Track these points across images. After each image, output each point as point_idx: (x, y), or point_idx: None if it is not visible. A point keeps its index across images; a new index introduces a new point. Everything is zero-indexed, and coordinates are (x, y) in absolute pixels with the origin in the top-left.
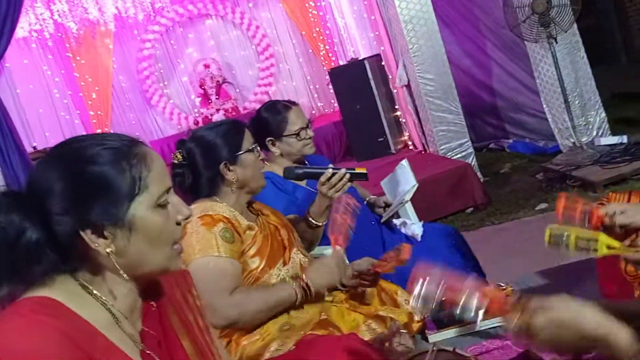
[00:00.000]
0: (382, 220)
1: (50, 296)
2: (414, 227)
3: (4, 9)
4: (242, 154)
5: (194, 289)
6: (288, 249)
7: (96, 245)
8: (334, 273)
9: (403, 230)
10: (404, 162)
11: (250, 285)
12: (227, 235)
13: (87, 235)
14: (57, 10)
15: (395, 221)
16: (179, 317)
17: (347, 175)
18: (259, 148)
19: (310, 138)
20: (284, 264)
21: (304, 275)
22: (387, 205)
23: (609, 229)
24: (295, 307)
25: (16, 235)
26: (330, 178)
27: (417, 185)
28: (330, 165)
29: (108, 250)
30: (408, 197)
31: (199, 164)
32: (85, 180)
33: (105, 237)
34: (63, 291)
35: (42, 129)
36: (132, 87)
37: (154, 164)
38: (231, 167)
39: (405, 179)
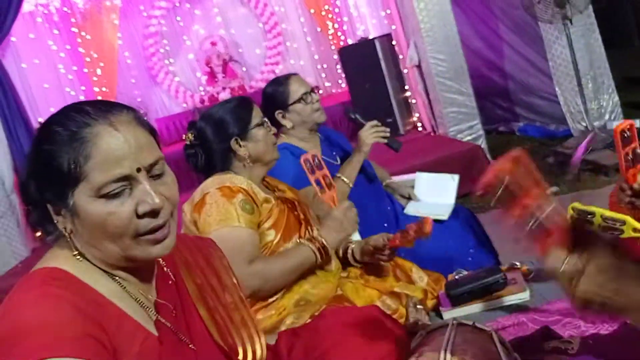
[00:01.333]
0: (404, 211)
1: (61, 267)
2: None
3: None
4: (252, 128)
5: (220, 251)
6: (304, 225)
7: (56, 221)
8: (344, 226)
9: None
10: (455, 177)
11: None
12: (247, 206)
13: (50, 209)
14: None
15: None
16: (196, 285)
17: (387, 133)
18: (269, 122)
19: (317, 101)
20: (300, 238)
21: (318, 236)
22: (410, 197)
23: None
24: (316, 268)
25: (26, 192)
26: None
27: (454, 205)
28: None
29: (63, 228)
30: (447, 216)
31: (211, 142)
32: (38, 159)
33: (62, 216)
34: (72, 261)
35: (47, 104)
36: (137, 64)
37: (98, 150)
38: (242, 143)
39: (446, 192)
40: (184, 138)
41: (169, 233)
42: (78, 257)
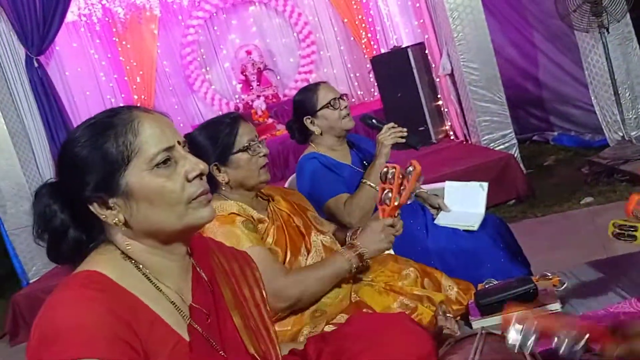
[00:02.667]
0: (434, 222)
1: (99, 270)
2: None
3: None
4: (233, 154)
5: (254, 262)
6: (306, 235)
7: (104, 216)
8: (381, 240)
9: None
10: (485, 185)
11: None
12: (250, 225)
13: (95, 208)
14: None
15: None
16: (231, 292)
17: (405, 134)
18: (258, 144)
19: (345, 108)
20: (308, 251)
21: (357, 243)
22: (440, 207)
23: None
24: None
25: (50, 217)
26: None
27: (484, 215)
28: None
29: (115, 220)
30: (477, 226)
31: None
32: (73, 160)
33: (111, 208)
34: (111, 265)
35: (88, 111)
36: (175, 72)
37: (145, 126)
38: (222, 168)
39: (475, 202)
40: None
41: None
42: (125, 250)
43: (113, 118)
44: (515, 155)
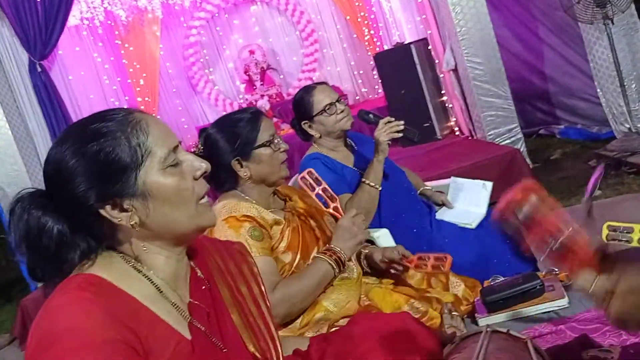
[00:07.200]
0: (436, 217)
1: (96, 274)
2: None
3: None
4: (255, 148)
5: (250, 257)
6: (320, 239)
7: (119, 219)
8: (355, 233)
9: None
10: (488, 185)
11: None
12: (256, 233)
13: (107, 212)
14: None
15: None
16: (229, 290)
17: (401, 127)
18: (277, 140)
19: (342, 111)
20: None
21: (333, 246)
22: (444, 204)
23: None
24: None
25: (39, 231)
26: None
27: (485, 215)
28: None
29: (132, 222)
30: (475, 224)
31: (215, 158)
32: (88, 160)
33: (126, 210)
34: (108, 268)
35: None
36: (178, 74)
37: (152, 127)
38: (244, 163)
39: (477, 201)
40: (194, 147)
41: None
42: (135, 252)
43: (122, 119)
44: (521, 149)
